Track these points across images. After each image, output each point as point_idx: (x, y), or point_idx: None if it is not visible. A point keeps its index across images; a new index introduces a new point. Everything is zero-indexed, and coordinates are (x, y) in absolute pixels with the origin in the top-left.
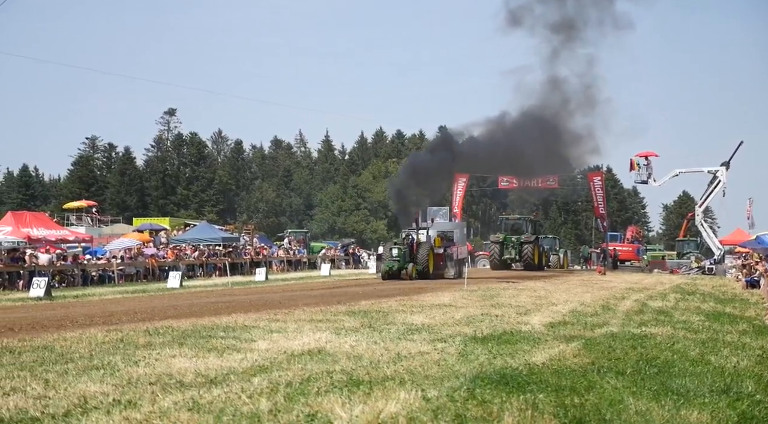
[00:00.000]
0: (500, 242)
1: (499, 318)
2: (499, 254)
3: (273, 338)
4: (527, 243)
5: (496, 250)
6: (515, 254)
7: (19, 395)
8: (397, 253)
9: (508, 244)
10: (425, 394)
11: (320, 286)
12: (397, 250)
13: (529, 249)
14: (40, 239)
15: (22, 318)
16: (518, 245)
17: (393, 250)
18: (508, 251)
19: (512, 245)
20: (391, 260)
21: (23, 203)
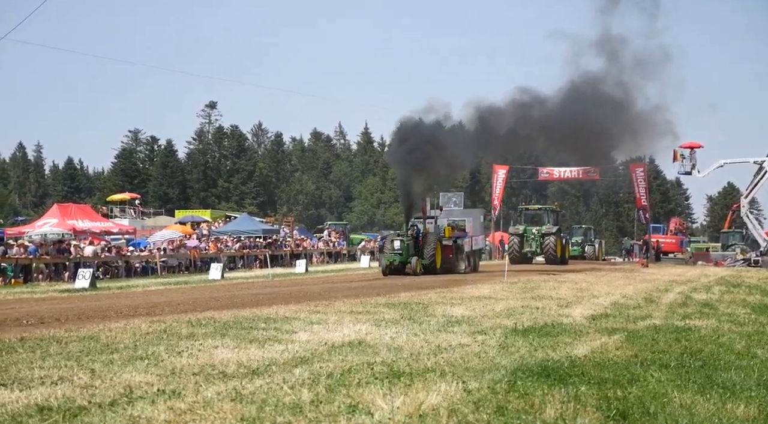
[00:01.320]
0: (520, 234)
1: (539, 310)
2: (518, 246)
3: (313, 329)
4: (549, 235)
5: (515, 243)
6: (536, 247)
7: (66, 385)
8: (399, 245)
9: (528, 236)
10: (466, 386)
11: (359, 278)
12: (400, 242)
13: (551, 241)
14: (85, 230)
15: (68, 309)
16: (539, 237)
17: (395, 242)
18: (528, 243)
19: (533, 238)
20: (392, 253)
21: (68, 196)
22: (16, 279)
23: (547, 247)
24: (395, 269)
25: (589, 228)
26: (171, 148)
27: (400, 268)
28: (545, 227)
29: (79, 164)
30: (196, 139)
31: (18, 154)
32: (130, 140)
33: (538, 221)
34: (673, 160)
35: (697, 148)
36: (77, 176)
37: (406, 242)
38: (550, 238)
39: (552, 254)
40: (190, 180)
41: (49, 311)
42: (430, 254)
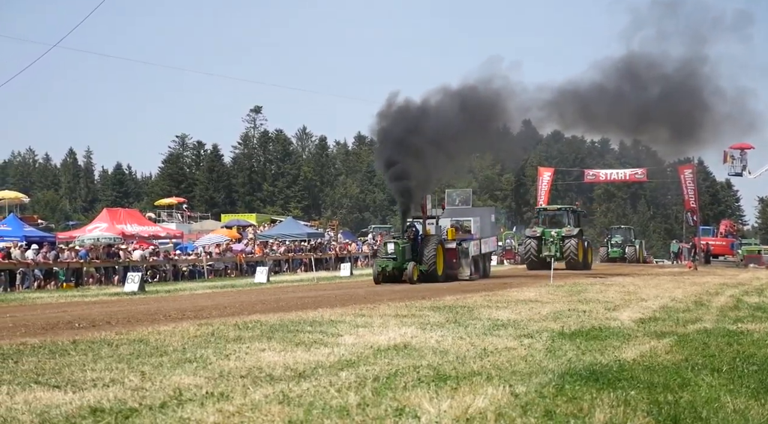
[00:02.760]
0: (537, 236)
1: (586, 314)
2: (536, 250)
3: (359, 332)
4: (570, 238)
5: (532, 246)
6: (555, 251)
7: (117, 387)
8: (393, 249)
9: (546, 239)
10: (513, 389)
11: None
12: (393, 245)
13: (572, 245)
14: (133, 235)
15: (118, 312)
16: (559, 240)
17: (388, 245)
18: (547, 247)
19: (552, 241)
20: (384, 258)
21: (117, 201)
22: (67, 283)
23: (568, 250)
24: (390, 276)
25: (629, 228)
26: (217, 152)
27: (396, 275)
28: (565, 229)
29: (128, 169)
30: (242, 144)
31: (69, 160)
32: (177, 145)
33: (557, 222)
34: (723, 161)
35: (747, 149)
36: (126, 181)
37: (402, 245)
38: (571, 241)
39: (573, 258)
40: (236, 184)
41: (99, 314)
42: (430, 259)
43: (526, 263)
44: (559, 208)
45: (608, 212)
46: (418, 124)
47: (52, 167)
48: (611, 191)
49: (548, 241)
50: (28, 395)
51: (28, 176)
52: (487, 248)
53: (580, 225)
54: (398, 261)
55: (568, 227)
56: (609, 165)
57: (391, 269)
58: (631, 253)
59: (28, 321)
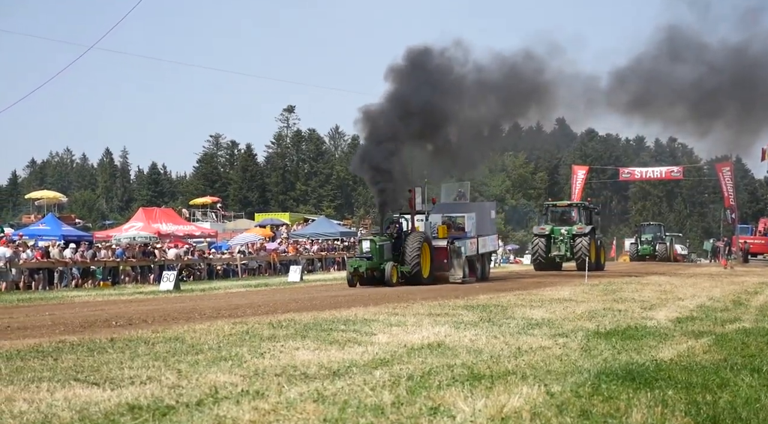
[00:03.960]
0: (546, 235)
1: (622, 313)
2: (544, 250)
3: (392, 331)
4: (581, 236)
5: (540, 245)
6: (565, 250)
7: (155, 384)
8: (368, 247)
9: (556, 237)
10: (548, 389)
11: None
12: (369, 243)
13: (583, 244)
14: (168, 234)
15: (154, 310)
16: (569, 238)
17: (363, 243)
18: (557, 246)
19: (561, 239)
20: (359, 257)
21: (152, 200)
22: (104, 281)
23: (579, 250)
24: (368, 279)
25: (660, 225)
26: (250, 152)
27: (378, 277)
28: (576, 227)
29: (163, 169)
30: (275, 143)
31: (105, 160)
32: (211, 145)
33: (567, 219)
34: (762, 158)
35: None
36: (161, 181)
37: (379, 242)
38: (583, 239)
39: (584, 257)
40: (269, 183)
41: (136, 312)
42: (413, 259)
43: (534, 263)
44: (569, 204)
45: (643, 210)
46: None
47: (89, 167)
48: (647, 189)
49: (557, 239)
50: (68, 392)
51: (65, 176)
52: (487, 247)
53: (592, 222)
54: (375, 261)
55: (580, 224)
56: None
57: (365, 270)
58: (662, 250)
59: (67, 319)
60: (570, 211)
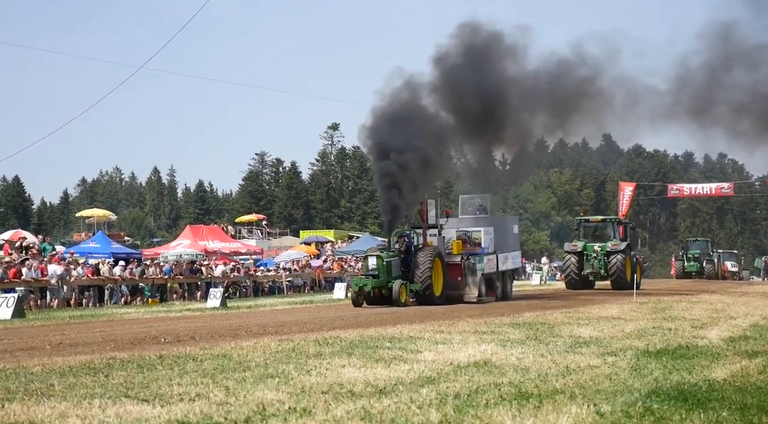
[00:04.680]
0: (578, 252)
1: (672, 332)
2: (577, 267)
3: (438, 349)
4: (615, 253)
5: (572, 263)
6: (599, 268)
7: (203, 401)
8: (375, 264)
9: (589, 254)
10: (598, 409)
11: None
12: (375, 259)
13: (618, 261)
14: (215, 251)
15: (202, 327)
16: (603, 255)
17: (369, 259)
18: (590, 263)
19: (595, 256)
20: (365, 275)
21: (199, 217)
22: (152, 298)
23: (614, 268)
24: (375, 298)
25: (707, 241)
26: (295, 169)
27: (382, 295)
28: (611, 243)
29: (209, 187)
30: (320, 161)
31: (153, 178)
32: (256, 163)
33: (601, 235)
34: None
35: None
36: (207, 198)
37: (386, 259)
38: (617, 256)
39: (620, 276)
40: (314, 201)
41: (184, 329)
42: (424, 276)
43: (566, 281)
44: (603, 219)
45: (692, 227)
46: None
47: (138, 185)
48: (696, 206)
49: (591, 256)
50: (119, 408)
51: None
52: (508, 264)
53: (627, 238)
54: (381, 279)
55: (614, 240)
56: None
57: (371, 289)
58: (710, 267)
59: (117, 336)
60: (604, 226)
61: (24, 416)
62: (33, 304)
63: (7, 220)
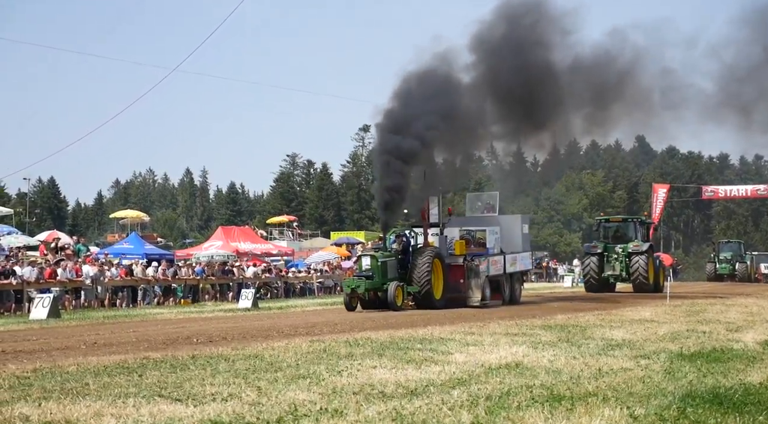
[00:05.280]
0: (598, 253)
1: (707, 335)
2: (596, 269)
3: (469, 350)
4: (637, 254)
5: (592, 264)
6: (620, 270)
7: (235, 401)
8: (369, 264)
9: (609, 256)
10: (632, 412)
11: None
12: (370, 259)
13: (640, 263)
14: (247, 252)
15: (233, 328)
16: (624, 257)
17: (363, 259)
18: (610, 265)
19: (615, 258)
20: (357, 276)
21: (231, 219)
22: (185, 299)
23: (636, 270)
24: (370, 301)
25: (740, 242)
26: (326, 171)
27: (377, 298)
28: (632, 244)
29: (241, 188)
30: (351, 162)
31: (186, 180)
32: (288, 164)
33: (622, 236)
34: None
35: None
36: (239, 200)
37: (381, 259)
38: (640, 258)
39: (643, 278)
40: (345, 202)
41: (216, 329)
42: (423, 278)
43: (585, 284)
44: (624, 219)
45: (727, 230)
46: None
47: (170, 187)
48: (731, 208)
49: (611, 258)
50: (153, 407)
51: (148, 196)
52: (517, 266)
53: (649, 239)
54: (376, 280)
55: (636, 241)
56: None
57: (364, 291)
58: (743, 269)
59: (150, 336)
60: (626, 226)
61: (60, 414)
62: (68, 304)
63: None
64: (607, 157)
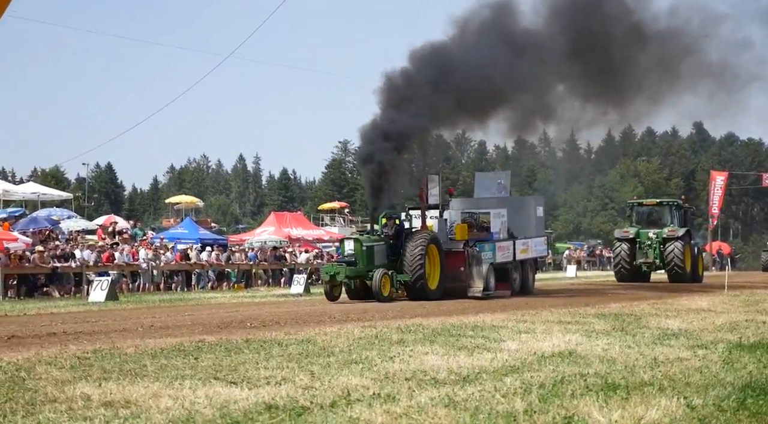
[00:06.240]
0: (630, 239)
1: (767, 325)
2: (628, 257)
3: (522, 338)
4: (673, 240)
5: (623, 251)
6: (654, 257)
7: (289, 385)
8: (352, 248)
9: (642, 242)
10: (689, 402)
11: (565, 287)
12: (353, 243)
13: (676, 250)
14: (299, 238)
15: (286, 313)
16: (658, 243)
17: (346, 243)
18: (643, 252)
19: (649, 244)
20: (339, 262)
21: (283, 205)
22: (238, 284)
23: (671, 257)
24: (359, 290)
25: None
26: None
27: (363, 287)
28: (667, 230)
29: (293, 174)
30: None
31: (239, 166)
32: (339, 151)
33: (656, 221)
34: None
35: None
36: (291, 186)
37: (366, 244)
38: (675, 244)
39: (678, 267)
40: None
41: (269, 314)
42: (415, 265)
43: (616, 274)
44: (658, 202)
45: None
46: None
47: (224, 173)
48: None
49: (644, 244)
50: (209, 390)
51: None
52: (529, 252)
53: (686, 224)
54: (360, 267)
55: (672, 226)
56: None
57: (349, 279)
58: None
59: (205, 320)
60: (661, 210)
61: (120, 394)
62: (125, 287)
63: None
64: (663, 144)
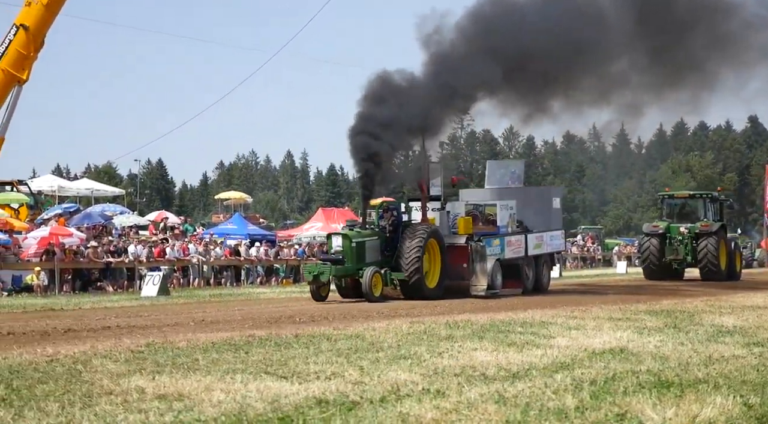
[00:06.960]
0: (660, 234)
1: None
2: (657, 252)
3: (572, 335)
4: (706, 235)
5: (653, 247)
6: (685, 254)
7: (339, 380)
8: (340, 245)
9: (673, 237)
10: (745, 400)
11: (616, 283)
12: (341, 239)
13: (710, 246)
14: None
15: (335, 308)
16: (690, 238)
17: (333, 239)
18: (673, 248)
19: (680, 240)
20: (323, 260)
21: (330, 201)
22: (286, 279)
23: (704, 254)
24: (350, 289)
25: None
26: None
27: (353, 286)
28: (700, 224)
29: (340, 170)
30: (449, 144)
31: (287, 162)
32: None
33: (689, 214)
34: None
35: None
36: (338, 182)
37: (356, 239)
38: (709, 240)
39: (712, 263)
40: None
41: (317, 309)
42: (410, 262)
43: (644, 270)
44: (691, 195)
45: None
46: None
47: (272, 169)
48: None
49: (675, 240)
50: (260, 384)
51: (250, 177)
52: (544, 247)
53: (722, 218)
54: (348, 265)
55: (706, 220)
56: None
57: (338, 278)
58: None
59: (254, 315)
60: (693, 203)
61: (173, 388)
62: (175, 282)
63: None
64: (716, 138)
